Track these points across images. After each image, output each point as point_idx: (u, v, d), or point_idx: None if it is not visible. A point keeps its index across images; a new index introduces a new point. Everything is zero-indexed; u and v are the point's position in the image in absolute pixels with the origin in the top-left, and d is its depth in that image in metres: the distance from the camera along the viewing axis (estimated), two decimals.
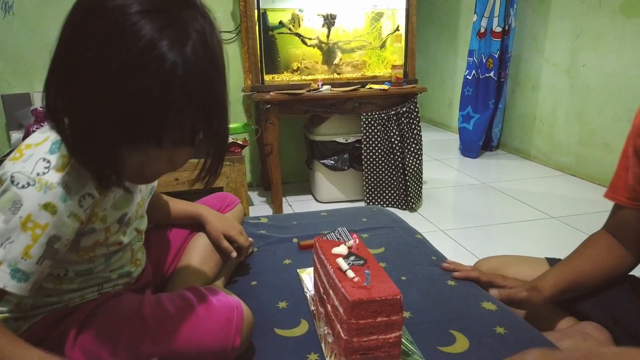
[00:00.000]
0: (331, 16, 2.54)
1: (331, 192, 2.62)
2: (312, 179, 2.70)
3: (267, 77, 2.43)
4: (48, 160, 0.65)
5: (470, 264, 1.14)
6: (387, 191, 2.54)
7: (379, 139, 2.45)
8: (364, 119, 2.42)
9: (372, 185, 2.52)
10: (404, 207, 2.52)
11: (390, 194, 2.54)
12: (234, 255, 1.02)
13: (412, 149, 2.45)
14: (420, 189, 2.57)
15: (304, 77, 2.50)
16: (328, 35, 2.57)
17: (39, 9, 2.35)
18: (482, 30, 3.34)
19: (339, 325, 0.73)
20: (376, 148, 2.46)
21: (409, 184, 2.46)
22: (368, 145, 2.45)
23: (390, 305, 0.70)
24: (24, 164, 0.65)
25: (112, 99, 0.58)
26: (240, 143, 2.30)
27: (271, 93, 2.31)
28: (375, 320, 0.70)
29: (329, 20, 2.54)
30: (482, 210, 2.57)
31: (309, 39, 2.57)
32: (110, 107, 0.59)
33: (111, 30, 0.58)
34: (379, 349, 0.72)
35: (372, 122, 2.42)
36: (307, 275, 1.03)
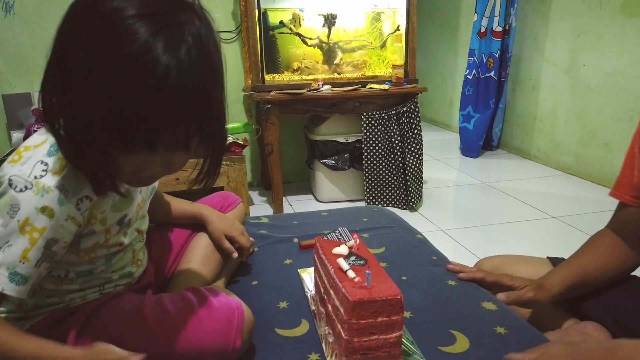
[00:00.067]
0: (332, 16, 2.53)
1: (332, 192, 2.62)
2: (313, 179, 2.70)
3: (268, 77, 2.43)
4: (46, 163, 0.65)
5: (470, 263, 1.14)
6: (388, 191, 2.54)
7: (379, 139, 2.45)
8: (364, 119, 2.42)
9: (373, 185, 2.52)
10: (405, 207, 2.52)
11: (390, 194, 2.54)
12: (235, 255, 1.02)
13: (413, 148, 2.45)
14: (421, 188, 2.57)
15: (304, 77, 2.50)
16: (328, 35, 2.57)
17: (40, 9, 2.35)
18: (483, 29, 3.34)
19: (339, 325, 0.74)
20: (377, 148, 2.46)
21: (409, 183, 2.46)
22: (368, 145, 2.45)
23: (390, 305, 0.70)
24: (22, 167, 0.65)
25: (105, 101, 0.58)
26: (241, 143, 2.30)
27: (272, 93, 2.31)
28: (376, 320, 0.70)
29: (329, 20, 2.54)
30: (483, 210, 2.57)
31: (310, 39, 2.57)
32: (103, 110, 0.58)
33: (106, 32, 0.57)
34: (379, 349, 0.72)
35: (373, 122, 2.42)
36: (308, 275, 1.03)
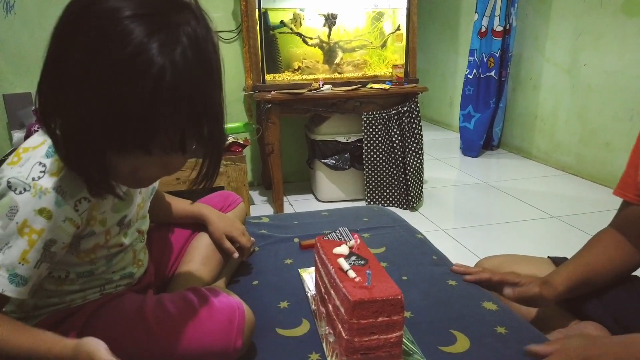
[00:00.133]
0: (332, 15, 2.53)
1: (332, 192, 2.62)
2: (313, 179, 2.70)
3: (268, 77, 2.43)
4: (44, 164, 0.65)
5: (471, 263, 1.14)
6: (388, 190, 2.54)
7: (380, 139, 2.45)
8: (364, 119, 2.42)
9: (373, 184, 2.52)
10: (405, 207, 2.52)
11: (391, 194, 2.54)
12: (236, 255, 1.02)
13: (413, 148, 2.45)
14: (421, 188, 2.57)
15: (305, 77, 2.50)
16: (329, 35, 2.57)
17: (40, 8, 2.36)
18: (483, 29, 3.34)
19: (340, 325, 0.74)
20: (377, 147, 2.46)
21: (409, 183, 2.46)
22: (369, 145, 2.45)
23: (391, 305, 0.70)
24: (21, 169, 0.65)
25: (100, 101, 0.57)
26: (241, 142, 2.30)
27: (272, 92, 2.31)
28: (377, 320, 0.70)
29: (330, 20, 2.54)
30: (483, 210, 2.57)
31: (310, 39, 2.57)
32: (97, 111, 0.57)
33: (101, 32, 0.57)
34: (380, 349, 0.72)
35: (373, 122, 2.42)
36: (309, 275, 1.03)
